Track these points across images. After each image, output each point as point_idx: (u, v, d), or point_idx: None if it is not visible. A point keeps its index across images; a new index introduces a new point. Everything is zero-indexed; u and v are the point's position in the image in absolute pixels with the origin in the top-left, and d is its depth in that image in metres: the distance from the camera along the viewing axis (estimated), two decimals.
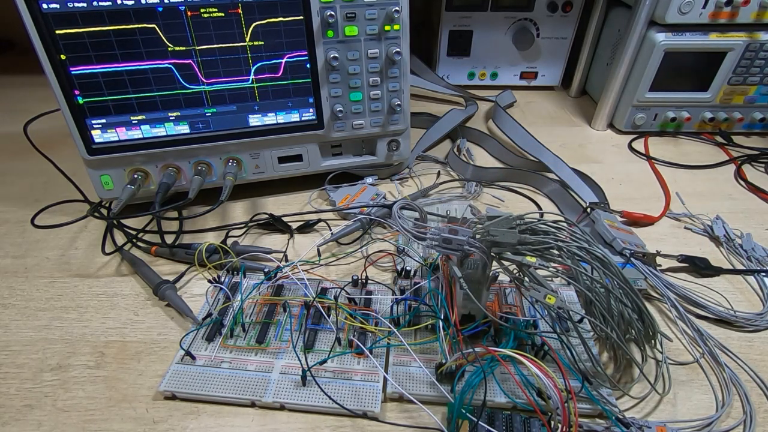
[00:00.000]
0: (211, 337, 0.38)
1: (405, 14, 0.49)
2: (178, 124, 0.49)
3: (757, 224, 0.53)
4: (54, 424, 0.33)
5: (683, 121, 0.70)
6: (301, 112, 0.52)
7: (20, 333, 0.40)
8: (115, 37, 0.43)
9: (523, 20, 0.79)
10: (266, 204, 0.56)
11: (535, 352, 0.36)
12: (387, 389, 0.34)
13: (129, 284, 0.45)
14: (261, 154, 0.53)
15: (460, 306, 0.35)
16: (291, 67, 0.49)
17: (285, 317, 0.39)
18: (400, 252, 0.47)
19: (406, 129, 0.57)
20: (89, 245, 0.49)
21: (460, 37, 0.81)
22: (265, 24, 0.46)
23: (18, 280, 0.45)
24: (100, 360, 0.37)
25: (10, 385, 0.35)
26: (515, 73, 0.85)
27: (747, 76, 0.66)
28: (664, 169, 0.64)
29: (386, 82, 0.52)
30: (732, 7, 0.61)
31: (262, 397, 0.33)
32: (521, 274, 0.31)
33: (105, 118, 0.47)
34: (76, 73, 0.44)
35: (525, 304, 0.41)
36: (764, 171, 0.64)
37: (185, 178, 0.52)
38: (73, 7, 0.41)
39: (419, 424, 0.33)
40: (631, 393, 0.35)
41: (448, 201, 0.56)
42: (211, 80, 0.47)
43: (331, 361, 0.36)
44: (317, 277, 0.44)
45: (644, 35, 0.65)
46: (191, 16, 0.44)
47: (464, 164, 0.61)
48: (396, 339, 0.37)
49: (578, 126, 0.76)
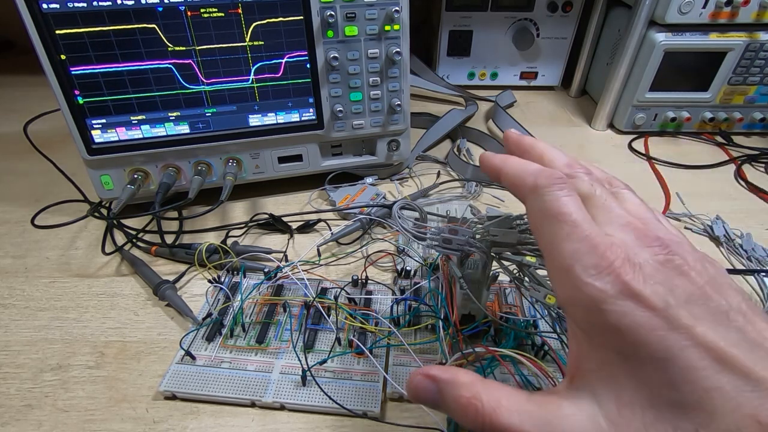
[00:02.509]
0: (211, 337, 0.38)
1: (405, 14, 0.49)
2: (178, 124, 0.49)
3: (757, 224, 0.53)
4: (54, 424, 0.33)
5: (683, 121, 0.70)
6: (301, 112, 0.52)
7: (20, 333, 0.40)
8: (115, 37, 0.43)
9: (523, 20, 0.79)
10: (266, 204, 0.56)
11: (535, 352, 0.36)
12: (387, 389, 0.34)
13: (129, 284, 0.45)
14: (261, 154, 0.53)
15: (460, 306, 0.35)
16: (291, 67, 0.49)
17: (285, 317, 0.39)
18: (400, 252, 0.47)
19: (406, 129, 0.57)
20: (89, 245, 0.49)
21: (460, 37, 0.81)
22: (265, 24, 0.46)
23: (18, 280, 0.45)
24: (100, 360, 0.37)
25: (10, 385, 0.35)
26: (515, 73, 0.85)
27: (747, 76, 0.66)
28: (664, 169, 0.64)
29: (386, 82, 0.52)
30: (732, 7, 0.61)
31: (262, 397, 0.33)
32: (521, 274, 0.31)
33: (105, 118, 0.47)
34: (76, 73, 0.44)
35: (525, 304, 0.41)
36: (764, 171, 0.64)
37: (185, 178, 0.52)
38: (73, 7, 0.41)
39: (419, 424, 0.33)
40: None
41: (448, 201, 0.56)
42: (211, 80, 0.47)
43: (331, 361, 0.36)
44: (317, 277, 0.44)
45: (644, 35, 0.65)
46: (191, 16, 0.44)
47: (464, 164, 0.61)
48: (396, 339, 0.37)
49: (578, 126, 0.76)
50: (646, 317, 0.17)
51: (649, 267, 0.18)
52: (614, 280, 0.18)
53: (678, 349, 0.16)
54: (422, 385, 0.22)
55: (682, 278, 0.18)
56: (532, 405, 0.19)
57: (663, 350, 0.16)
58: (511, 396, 0.20)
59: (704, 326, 0.16)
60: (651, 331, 0.17)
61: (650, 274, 0.18)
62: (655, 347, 0.16)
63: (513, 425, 0.19)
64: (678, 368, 0.16)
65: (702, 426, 0.15)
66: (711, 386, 0.16)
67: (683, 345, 0.16)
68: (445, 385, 0.21)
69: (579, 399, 0.19)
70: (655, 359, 0.16)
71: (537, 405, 0.19)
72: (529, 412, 0.19)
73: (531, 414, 0.19)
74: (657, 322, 0.17)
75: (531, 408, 0.19)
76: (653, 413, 0.16)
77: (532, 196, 0.22)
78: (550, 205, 0.20)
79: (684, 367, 0.16)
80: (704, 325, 0.16)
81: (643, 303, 0.17)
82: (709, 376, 0.16)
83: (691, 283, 0.18)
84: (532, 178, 0.22)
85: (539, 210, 0.21)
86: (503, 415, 0.19)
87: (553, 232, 0.20)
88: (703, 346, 0.16)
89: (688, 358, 0.16)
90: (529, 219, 0.22)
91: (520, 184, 0.23)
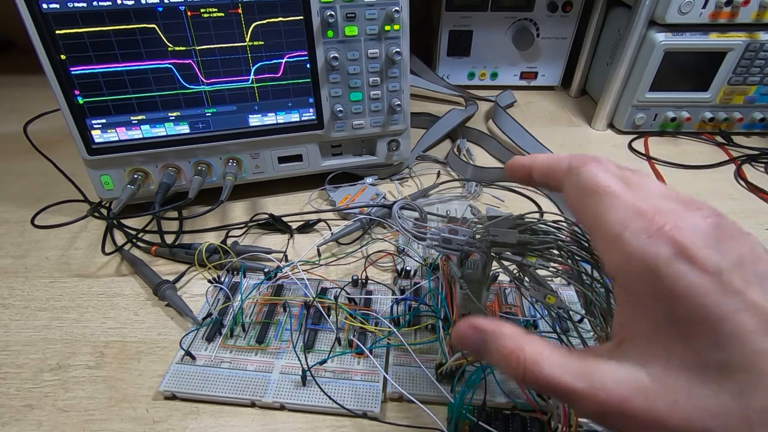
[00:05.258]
0: (211, 337, 0.38)
1: (405, 14, 0.49)
2: (178, 124, 0.49)
3: (757, 224, 0.53)
4: (54, 424, 0.33)
5: (683, 121, 0.70)
6: (301, 112, 0.52)
7: (20, 333, 0.40)
8: (115, 37, 0.43)
9: (523, 20, 0.79)
10: (266, 204, 0.56)
11: None
12: (387, 389, 0.34)
13: (129, 284, 0.45)
14: (261, 154, 0.53)
15: (460, 306, 0.35)
16: (291, 67, 0.49)
17: (285, 317, 0.39)
18: (400, 252, 0.47)
19: (406, 129, 0.57)
20: (89, 245, 0.49)
21: (460, 37, 0.81)
22: (265, 24, 0.46)
23: (18, 280, 0.45)
24: (100, 360, 0.37)
25: (10, 385, 0.35)
26: (515, 73, 0.85)
27: (747, 76, 0.66)
28: (664, 169, 0.64)
29: (386, 82, 0.52)
30: (732, 7, 0.61)
31: (262, 397, 0.33)
32: (521, 274, 0.31)
33: (105, 118, 0.47)
34: (76, 73, 0.44)
35: (525, 304, 0.41)
36: (764, 171, 0.64)
37: (185, 178, 0.52)
38: (73, 7, 0.41)
39: (419, 424, 0.33)
40: None
41: (448, 201, 0.56)
42: (211, 80, 0.47)
43: (331, 361, 0.36)
44: (317, 277, 0.44)
45: (644, 35, 0.65)
46: (191, 16, 0.44)
47: (464, 164, 0.61)
48: (396, 339, 0.37)
49: (578, 126, 0.76)
50: (700, 280, 0.17)
51: (700, 231, 0.18)
52: (667, 242, 0.17)
53: (731, 313, 0.16)
54: (468, 333, 0.22)
55: (731, 242, 0.18)
56: (574, 359, 0.19)
57: (716, 314, 0.16)
58: (553, 350, 0.20)
59: (755, 290, 0.17)
60: (705, 295, 0.17)
61: (702, 238, 0.18)
62: (708, 311, 0.17)
63: (553, 376, 0.19)
64: (729, 332, 0.16)
65: (748, 386, 0.16)
66: (761, 349, 0.16)
67: (737, 309, 0.16)
68: (490, 335, 0.22)
69: (623, 359, 0.19)
70: (707, 323, 0.17)
71: (578, 359, 0.19)
72: (569, 365, 0.19)
73: (572, 366, 0.19)
74: (711, 285, 0.17)
75: (572, 361, 0.19)
76: (699, 374, 0.17)
77: (568, 177, 0.22)
78: (588, 181, 0.21)
79: (735, 331, 0.16)
80: (755, 289, 0.17)
81: (698, 266, 0.17)
82: (760, 340, 0.16)
83: (740, 247, 0.18)
84: (566, 161, 0.23)
85: (577, 188, 0.21)
86: (544, 366, 0.19)
87: (596, 204, 0.20)
88: (754, 310, 0.16)
89: (741, 322, 0.16)
90: (568, 202, 0.22)
91: (555, 169, 0.23)
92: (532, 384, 0.20)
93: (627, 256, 0.18)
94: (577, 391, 0.18)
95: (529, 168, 0.25)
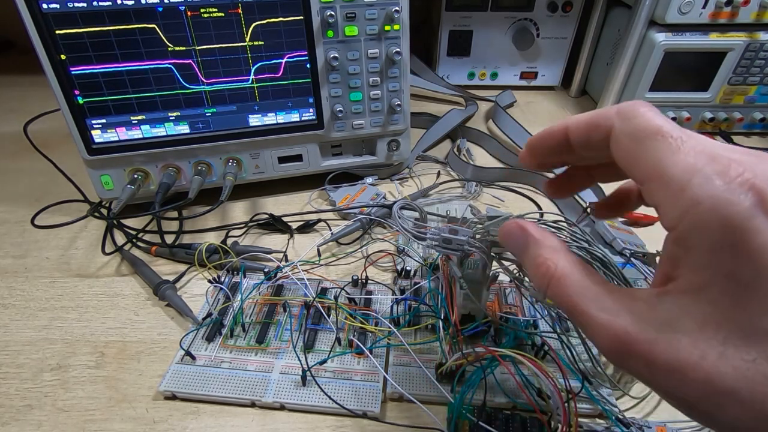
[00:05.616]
0: (211, 337, 0.38)
1: (405, 14, 0.49)
2: (178, 124, 0.49)
3: None
4: (54, 424, 0.33)
5: (683, 121, 0.70)
6: (301, 112, 0.52)
7: (20, 333, 0.40)
8: (115, 37, 0.43)
9: (523, 20, 0.79)
10: (266, 204, 0.56)
11: (535, 352, 0.36)
12: (387, 389, 0.34)
13: (129, 284, 0.45)
14: (261, 154, 0.53)
15: (460, 306, 0.35)
16: (291, 67, 0.49)
17: (285, 317, 0.39)
18: (400, 252, 0.47)
19: (406, 129, 0.57)
20: (89, 245, 0.49)
21: (460, 37, 0.81)
22: (265, 24, 0.46)
23: (18, 280, 0.45)
24: (100, 360, 0.37)
25: (10, 385, 0.35)
26: (515, 73, 0.85)
27: (747, 76, 0.66)
28: None
29: (386, 82, 0.52)
30: (732, 7, 0.61)
31: (262, 397, 0.33)
32: (521, 274, 0.31)
33: (105, 118, 0.47)
34: (76, 73, 0.44)
35: (525, 304, 0.41)
36: None
37: (185, 178, 0.52)
38: (73, 7, 0.41)
39: (419, 424, 0.33)
40: (632, 393, 0.35)
41: (448, 201, 0.56)
42: (211, 80, 0.47)
43: (331, 361, 0.36)
44: (317, 277, 0.44)
45: (644, 35, 0.65)
46: (191, 16, 0.44)
47: (464, 164, 0.61)
48: (396, 339, 0.37)
49: None
50: None
51: None
52: (747, 192, 0.15)
53: None
54: (514, 231, 0.23)
55: None
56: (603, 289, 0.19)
57: None
58: (587, 275, 0.19)
59: None
60: None
61: None
62: None
63: (575, 298, 0.19)
64: None
65: None
66: None
67: None
68: (533, 241, 0.22)
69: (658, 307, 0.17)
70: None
71: (609, 293, 0.19)
72: (596, 293, 0.19)
73: (598, 295, 0.19)
74: None
75: (600, 290, 0.19)
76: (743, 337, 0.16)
77: (619, 122, 0.20)
78: (645, 125, 0.19)
79: None
80: None
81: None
82: None
83: None
84: (614, 108, 0.20)
85: (632, 134, 0.19)
86: (569, 286, 0.19)
87: (656, 149, 0.18)
88: None
89: None
90: (618, 152, 0.20)
91: (599, 119, 0.21)
92: (553, 299, 0.19)
93: (695, 203, 0.16)
94: (595, 322, 0.18)
95: (564, 128, 0.22)
